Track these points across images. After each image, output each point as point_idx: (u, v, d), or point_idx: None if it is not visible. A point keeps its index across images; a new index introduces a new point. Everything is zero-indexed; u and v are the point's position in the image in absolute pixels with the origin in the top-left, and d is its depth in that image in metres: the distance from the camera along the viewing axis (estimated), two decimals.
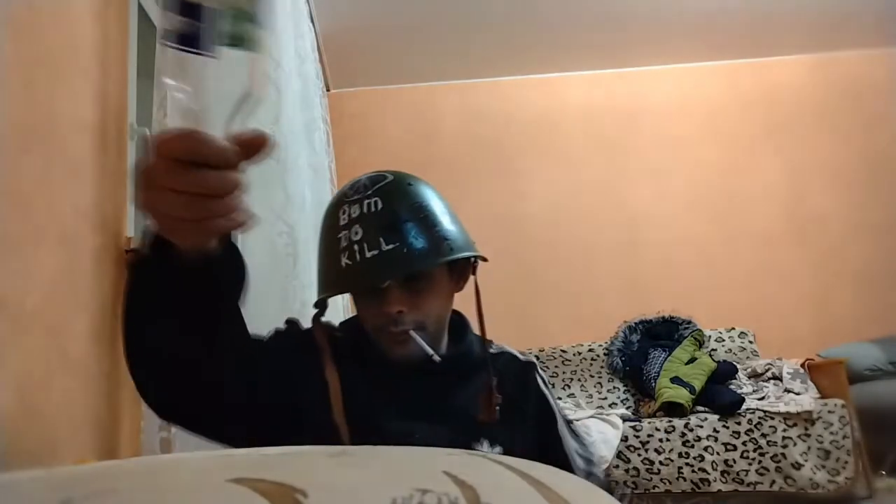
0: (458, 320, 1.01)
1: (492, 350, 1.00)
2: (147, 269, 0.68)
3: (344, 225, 0.90)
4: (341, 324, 1.03)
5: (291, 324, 0.99)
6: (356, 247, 0.88)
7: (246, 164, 0.55)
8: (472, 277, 0.99)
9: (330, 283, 0.92)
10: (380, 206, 0.89)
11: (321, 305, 1.00)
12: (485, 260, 0.97)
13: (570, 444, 0.94)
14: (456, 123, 4.05)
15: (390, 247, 0.87)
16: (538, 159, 4.00)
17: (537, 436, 0.95)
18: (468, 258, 0.95)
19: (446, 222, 0.92)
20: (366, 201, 0.90)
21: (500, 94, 4.09)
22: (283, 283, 1.61)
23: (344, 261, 0.88)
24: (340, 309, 1.93)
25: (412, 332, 0.88)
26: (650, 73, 4.09)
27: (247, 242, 1.46)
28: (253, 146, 0.54)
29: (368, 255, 0.87)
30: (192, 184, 0.53)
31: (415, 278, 0.90)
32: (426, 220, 0.91)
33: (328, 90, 3.80)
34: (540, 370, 1.01)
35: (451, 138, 4.02)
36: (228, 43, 0.48)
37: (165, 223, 0.58)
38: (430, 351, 0.88)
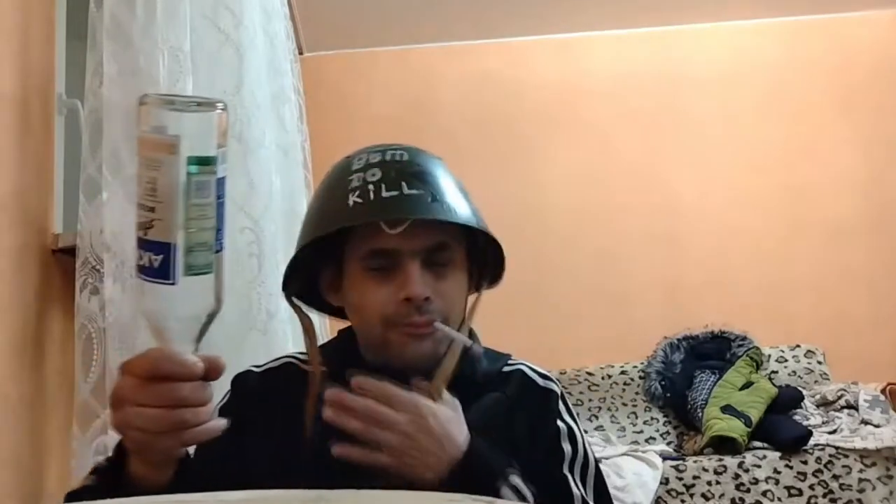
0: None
1: (506, 368, 1.01)
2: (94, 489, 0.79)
3: (358, 169, 0.93)
4: (322, 346, 1.04)
5: (236, 384, 1.00)
6: (371, 187, 0.90)
7: (205, 384, 0.69)
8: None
9: (326, 222, 0.93)
10: (405, 157, 0.94)
11: (292, 284, 1.01)
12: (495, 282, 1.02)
13: (575, 491, 0.93)
14: (457, 94, 4.05)
15: (413, 192, 0.89)
16: (558, 138, 4.00)
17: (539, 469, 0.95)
18: (485, 278, 1.01)
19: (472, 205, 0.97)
20: (389, 151, 0.94)
21: (510, 59, 4.09)
22: (245, 291, 1.62)
23: (353, 199, 0.90)
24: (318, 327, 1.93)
25: (438, 324, 0.90)
26: (695, 32, 4.08)
27: None
28: (211, 370, 0.70)
29: (386, 195, 0.89)
30: (161, 396, 0.67)
31: (439, 252, 0.92)
32: (456, 184, 0.96)
33: (301, 53, 3.79)
34: (563, 399, 1.01)
35: (450, 112, 4.02)
36: (192, 273, 0.66)
37: (139, 441, 0.71)
38: (467, 340, 0.91)
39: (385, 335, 0.92)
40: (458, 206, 0.93)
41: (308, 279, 1.01)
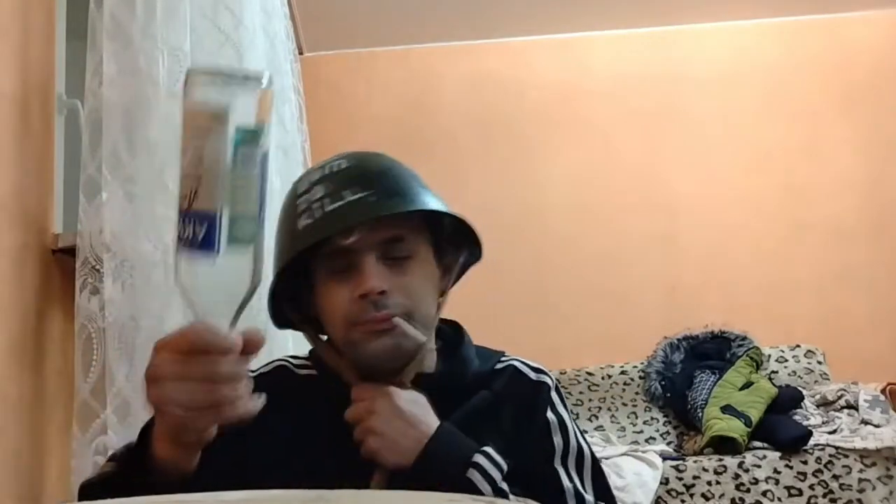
0: (451, 330, 1.03)
1: (498, 365, 1.00)
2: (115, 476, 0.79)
3: (303, 192, 0.94)
4: (311, 351, 1.05)
5: None
6: (315, 205, 0.91)
7: (243, 359, 0.69)
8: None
9: (283, 253, 0.95)
10: (344, 165, 0.94)
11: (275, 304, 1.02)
12: (475, 255, 1.01)
13: (567, 484, 0.92)
14: (457, 94, 4.05)
15: (356, 196, 0.90)
16: (558, 138, 3.99)
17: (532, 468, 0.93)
18: (460, 247, 0.99)
19: (431, 194, 0.96)
20: (329, 164, 0.95)
21: (510, 59, 4.09)
22: None
23: (302, 223, 0.92)
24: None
25: (397, 319, 0.89)
26: (695, 32, 4.08)
27: None
28: (249, 344, 0.68)
29: (329, 208, 0.90)
30: (200, 370, 0.66)
31: (394, 244, 0.92)
32: (402, 176, 0.95)
33: (301, 53, 3.80)
34: (557, 391, 1.00)
35: (450, 112, 4.02)
36: (236, 243, 0.65)
37: (175, 418, 0.69)
38: (420, 336, 0.90)
39: (348, 336, 0.92)
40: (409, 197, 0.92)
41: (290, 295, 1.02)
